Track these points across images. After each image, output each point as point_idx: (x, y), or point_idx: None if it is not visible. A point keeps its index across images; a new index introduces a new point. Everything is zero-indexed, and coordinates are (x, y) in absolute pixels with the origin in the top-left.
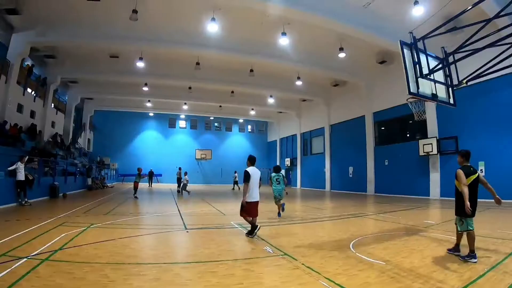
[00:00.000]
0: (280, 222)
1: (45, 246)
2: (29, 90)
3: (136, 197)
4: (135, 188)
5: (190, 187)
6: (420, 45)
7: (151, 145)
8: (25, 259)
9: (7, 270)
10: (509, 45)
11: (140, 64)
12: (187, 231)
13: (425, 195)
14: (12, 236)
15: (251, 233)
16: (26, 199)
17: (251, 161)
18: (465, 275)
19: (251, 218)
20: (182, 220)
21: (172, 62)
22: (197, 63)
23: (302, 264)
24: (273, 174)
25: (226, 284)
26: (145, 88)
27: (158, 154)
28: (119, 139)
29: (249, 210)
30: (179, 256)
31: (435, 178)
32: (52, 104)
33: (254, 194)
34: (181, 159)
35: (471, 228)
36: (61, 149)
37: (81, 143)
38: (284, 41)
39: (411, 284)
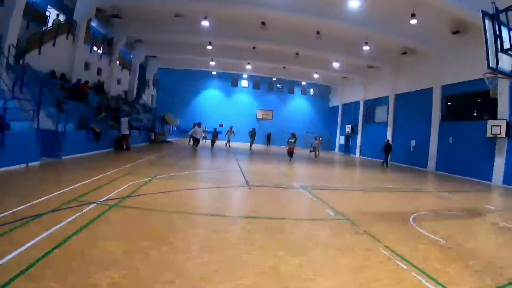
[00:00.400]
0: (341, 188)
1: (113, 193)
2: (95, 48)
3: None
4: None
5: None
6: (502, 17)
7: (213, 103)
8: (95, 204)
9: (78, 213)
10: None
11: (205, 24)
12: (249, 188)
13: (487, 179)
14: (82, 183)
15: None
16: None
17: None
18: None
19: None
20: (244, 177)
21: (238, 22)
22: (263, 23)
23: (364, 231)
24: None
25: (290, 241)
26: (209, 47)
27: (219, 113)
28: (182, 97)
29: None
30: (245, 211)
31: (499, 163)
32: (118, 62)
33: None
34: (242, 118)
35: None
36: (126, 104)
37: (145, 99)
38: (354, 4)
39: (471, 265)
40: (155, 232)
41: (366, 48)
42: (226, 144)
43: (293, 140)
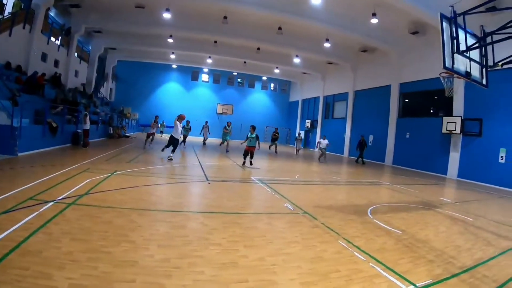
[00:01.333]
0: (299, 182)
1: (71, 191)
2: (53, 39)
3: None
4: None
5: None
6: (459, 20)
7: (172, 97)
8: (52, 203)
9: (35, 213)
10: None
11: (167, 16)
12: (209, 183)
13: (442, 173)
14: (38, 181)
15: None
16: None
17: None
18: (476, 254)
19: None
20: (204, 172)
21: (199, 15)
22: (225, 17)
23: (322, 223)
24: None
25: (249, 236)
26: (170, 40)
27: (179, 106)
28: (141, 90)
29: None
30: (203, 206)
31: (454, 157)
32: (76, 54)
33: None
34: (202, 112)
35: None
36: (84, 97)
37: (104, 92)
38: (316, 1)
39: (425, 255)
40: (114, 230)
41: (327, 44)
42: (204, 141)
43: (254, 136)
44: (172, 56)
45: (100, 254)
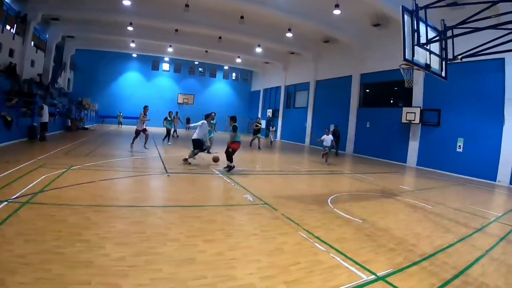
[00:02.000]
0: (260, 172)
1: (25, 189)
2: (8, 27)
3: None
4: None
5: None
6: (421, 14)
7: (133, 87)
8: (5, 203)
9: None
10: (506, 31)
11: (126, 3)
12: (168, 175)
13: (402, 161)
14: None
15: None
16: None
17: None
18: (436, 242)
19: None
20: (163, 164)
21: (160, 2)
22: (186, 5)
23: (282, 214)
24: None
25: (208, 229)
26: (130, 28)
27: (140, 96)
28: (100, 80)
29: None
30: (162, 200)
31: (414, 146)
32: (32, 42)
33: None
34: (162, 102)
35: None
36: (40, 89)
37: (61, 83)
38: None
39: (386, 243)
40: (68, 229)
41: (289, 34)
42: (174, 132)
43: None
44: (132, 45)
45: (53, 255)
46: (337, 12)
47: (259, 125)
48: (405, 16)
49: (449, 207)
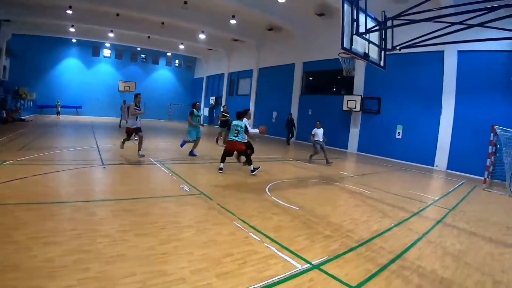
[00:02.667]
0: (198, 160)
1: None
2: None
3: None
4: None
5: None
6: (362, 4)
7: (72, 74)
8: None
9: None
10: (446, 24)
11: None
12: (104, 167)
13: (343, 148)
14: None
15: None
16: None
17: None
18: (373, 227)
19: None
20: (100, 155)
21: None
22: None
23: (218, 204)
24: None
25: (141, 223)
26: (69, 12)
27: (79, 84)
28: (38, 67)
29: None
30: (95, 194)
31: (354, 133)
32: None
33: None
34: (103, 90)
35: None
36: None
37: None
38: None
39: (322, 230)
40: None
41: (233, 21)
42: (120, 122)
43: (242, 126)
44: (72, 30)
45: None
46: (281, 0)
47: (227, 115)
48: (345, 5)
49: (388, 192)
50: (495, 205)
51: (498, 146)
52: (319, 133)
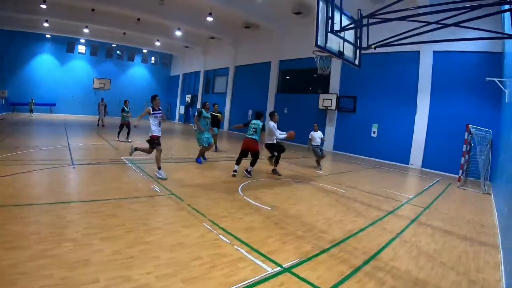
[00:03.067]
0: (173, 160)
1: None
2: None
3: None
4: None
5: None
6: (337, 2)
7: (46, 70)
8: None
9: None
10: (422, 24)
11: None
12: (74, 167)
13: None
14: None
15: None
16: None
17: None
18: (347, 227)
19: None
20: (71, 155)
21: None
22: None
23: (188, 205)
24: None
25: (107, 226)
26: (43, 6)
27: (53, 81)
28: (11, 63)
29: None
30: (63, 195)
31: (330, 132)
32: None
33: None
34: (77, 88)
35: None
36: None
37: None
38: None
39: (295, 231)
40: None
41: (209, 18)
42: (98, 121)
43: (259, 125)
44: (46, 25)
45: None
46: None
47: (219, 114)
48: (321, 3)
49: (362, 190)
50: (470, 203)
51: (472, 144)
52: (316, 136)
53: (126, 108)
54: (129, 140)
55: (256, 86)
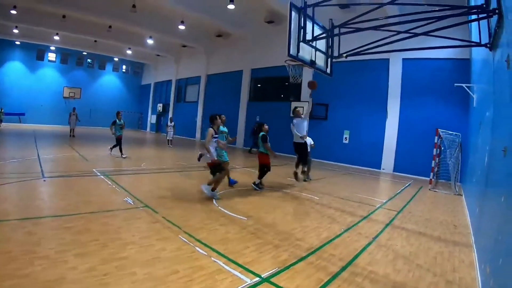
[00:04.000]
0: (144, 171)
1: None
2: None
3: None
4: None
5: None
6: (309, 12)
7: (15, 78)
8: None
9: None
10: (391, 33)
11: None
12: (44, 180)
13: (292, 154)
14: None
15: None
16: None
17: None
18: (322, 234)
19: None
20: (41, 167)
21: None
22: None
23: (163, 217)
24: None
25: (80, 241)
26: (13, 12)
27: (23, 90)
28: None
29: None
30: (33, 210)
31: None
32: None
33: None
34: (47, 96)
35: None
36: None
37: None
38: None
39: (271, 240)
40: None
41: (181, 27)
42: (70, 131)
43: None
44: (16, 31)
45: None
46: (231, 6)
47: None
48: (293, 13)
49: (336, 196)
50: (442, 204)
51: (442, 148)
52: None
53: (118, 121)
54: (124, 156)
55: (228, 94)
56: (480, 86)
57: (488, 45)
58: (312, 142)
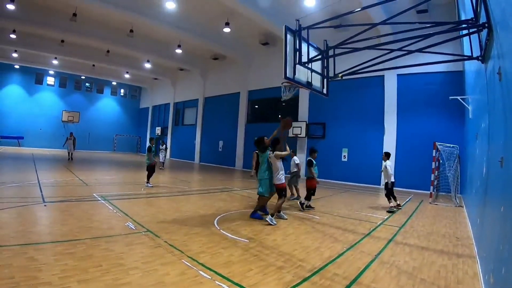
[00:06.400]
0: (143, 195)
1: None
2: None
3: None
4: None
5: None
6: (304, 34)
7: (14, 102)
8: None
9: None
10: (385, 51)
11: (10, 7)
12: (45, 205)
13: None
14: None
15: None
16: None
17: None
18: (325, 254)
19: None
20: (41, 192)
21: (47, 8)
22: (74, 14)
23: (165, 241)
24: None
25: (83, 267)
26: (13, 36)
27: (21, 113)
28: None
29: None
30: (34, 236)
31: (300, 158)
32: None
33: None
34: (46, 120)
35: None
36: None
37: None
38: (170, 5)
39: (274, 262)
40: None
41: (178, 51)
42: (68, 154)
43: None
44: (15, 55)
45: None
46: (227, 30)
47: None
48: (288, 36)
49: (337, 215)
50: (443, 217)
51: (441, 161)
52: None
53: (153, 148)
54: (150, 185)
55: (226, 117)
56: (475, 97)
57: (480, 58)
58: (299, 161)
